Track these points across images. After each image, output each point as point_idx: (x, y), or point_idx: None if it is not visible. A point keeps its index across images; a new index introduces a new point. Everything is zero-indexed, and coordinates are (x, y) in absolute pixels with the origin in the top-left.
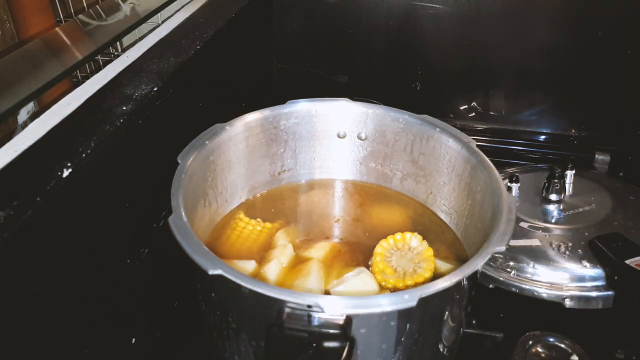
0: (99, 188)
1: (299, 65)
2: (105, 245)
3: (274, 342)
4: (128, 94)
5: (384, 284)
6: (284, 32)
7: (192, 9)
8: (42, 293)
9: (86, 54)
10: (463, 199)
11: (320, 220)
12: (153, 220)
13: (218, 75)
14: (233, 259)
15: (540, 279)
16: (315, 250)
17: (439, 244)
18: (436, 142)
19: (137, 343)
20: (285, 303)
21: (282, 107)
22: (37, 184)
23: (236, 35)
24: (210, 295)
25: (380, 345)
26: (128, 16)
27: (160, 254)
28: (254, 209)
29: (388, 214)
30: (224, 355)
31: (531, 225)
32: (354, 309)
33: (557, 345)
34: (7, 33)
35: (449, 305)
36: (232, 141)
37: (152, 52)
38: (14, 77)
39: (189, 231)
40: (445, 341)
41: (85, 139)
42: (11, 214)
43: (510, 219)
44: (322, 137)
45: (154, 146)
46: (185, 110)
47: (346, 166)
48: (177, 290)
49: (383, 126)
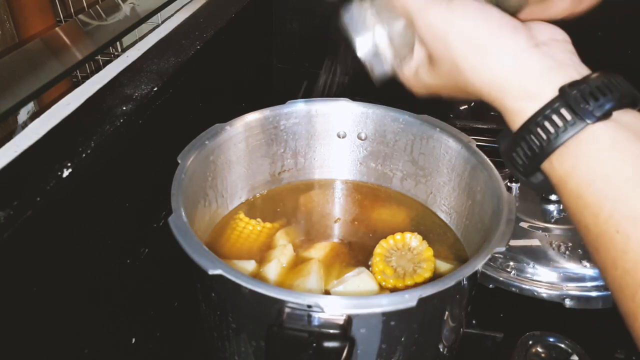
0: (99, 188)
1: (299, 65)
2: (105, 245)
3: (274, 342)
4: (128, 94)
5: (384, 284)
6: (284, 32)
7: (192, 9)
8: (42, 293)
9: (86, 54)
10: (463, 199)
11: (320, 220)
12: (153, 220)
13: (218, 75)
14: (233, 259)
15: (540, 279)
16: (315, 250)
17: (439, 244)
18: (436, 142)
19: (137, 343)
20: (285, 303)
21: (282, 107)
22: (37, 184)
23: (236, 35)
24: (210, 295)
25: (380, 345)
26: (128, 16)
27: (160, 254)
28: (254, 209)
29: (388, 214)
30: (224, 355)
31: (531, 225)
32: (354, 309)
33: (557, 345)
34: (7, 33)
35: (449, 305)
36: (232, 141)
37: (152, 52)
38: (14, 77)
39: (189, 231)
40: (445, 341)
41: (85, 139)
42: (11, 214)
43: (510, 219)
44: (322, 137)
45: (154, 146)
46: (185, 110)
47: (346, 166)
48: (177, 290)
49: (383, 126)
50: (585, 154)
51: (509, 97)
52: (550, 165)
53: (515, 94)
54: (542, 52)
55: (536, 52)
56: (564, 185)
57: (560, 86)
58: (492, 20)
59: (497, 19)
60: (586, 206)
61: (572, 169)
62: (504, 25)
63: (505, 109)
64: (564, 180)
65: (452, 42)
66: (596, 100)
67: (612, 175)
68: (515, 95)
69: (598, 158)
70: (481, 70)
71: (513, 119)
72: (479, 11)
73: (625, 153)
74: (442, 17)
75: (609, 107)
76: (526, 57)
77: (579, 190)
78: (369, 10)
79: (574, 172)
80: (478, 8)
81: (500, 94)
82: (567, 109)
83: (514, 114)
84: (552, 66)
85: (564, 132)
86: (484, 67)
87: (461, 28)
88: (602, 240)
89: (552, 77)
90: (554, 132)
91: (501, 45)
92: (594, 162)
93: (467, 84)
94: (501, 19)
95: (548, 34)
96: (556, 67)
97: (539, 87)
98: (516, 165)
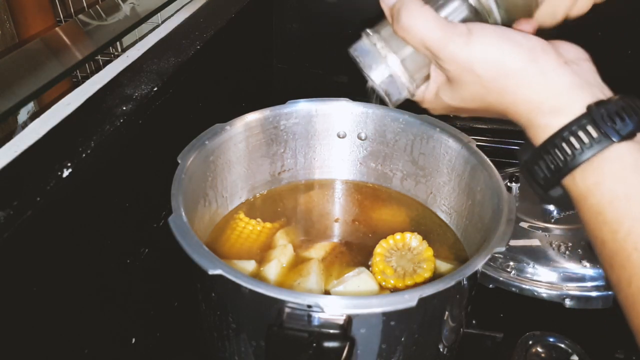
0: (99, 188)
1: (299, 65)
2: (105, 245)
3: (274, 342)
4: (128, 94)
5: (384, 284)
6: (284, 32)
7: (192, 9)
8: (42, 293)
9: (86, 54)
10: (463, 199)
11: (320, 220)
12: (153, 220)
13: (218, 75)
14: (233, 259)
15: (540, 279)
16: (315, 250)
17: (439, 244)
18: (436, 142)
19: (137, 343)
20: (285, 303)
21: (282, 107)
22: (37, 184)
23: (236, 35)
24: (210, 295)
25: (380, 345)
26: (128, 16)
27: (160, 254)
28: (254, 209)
29: (388, 214)
30: (224, 355)
31: (531, 225)
32: (354, 309)
33: (557, 345)
34: (7, 33)
35: (449, 305)
36: (232, 141)
37: (152, 52)
38: (14, 77)
39: (189, 231)
40: (445, 341)
41: (85, 139)
42: (11, 214)
43: (510, 219)
44: (322, 137)
45: (154, 146)
46: (185, 110)
47: (346, 166)
48: (177, 290)
49: (383, 126)
50: (609, 171)
51: (536, 112)
52: (572, 180)
53: (543, 110)
54: (571, 70)
55: (566, 69)
56: (585, 200)
57: (588, 104)
58: (519, 44)
59: (523, 42)
60: (605, 222)
61: (594, 186)
62: (533, 47)
63: (531, 124)
64: (585, 196)
65: (478, 71)
66: (622, 120)
67: (634, 194)
68: (544, 110)
69: (621, 177)
70: (511, 91)
71: (538, 133)
72: (501, 38)
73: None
74: (465, 51)
75: (633, 127)
76: (556, 75)
77: (600, 206)
78: (378, 43)
79: (596, 189)
80: (500, 36)
81: (528, 110)
82: (594, 126)
83: (540, 129)
84: (580, 84)
85: (589, 148)
86: (513, 88)
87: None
88: (618, 257)
89: (580, 94)
90: (579, 148)
91: (533, 66)
92: (617, 180)
93: (493, 104)
94: (527, 41)
95: (574, 53)
96: (583, 85)
97: (567, 103)
98: (537, 178)
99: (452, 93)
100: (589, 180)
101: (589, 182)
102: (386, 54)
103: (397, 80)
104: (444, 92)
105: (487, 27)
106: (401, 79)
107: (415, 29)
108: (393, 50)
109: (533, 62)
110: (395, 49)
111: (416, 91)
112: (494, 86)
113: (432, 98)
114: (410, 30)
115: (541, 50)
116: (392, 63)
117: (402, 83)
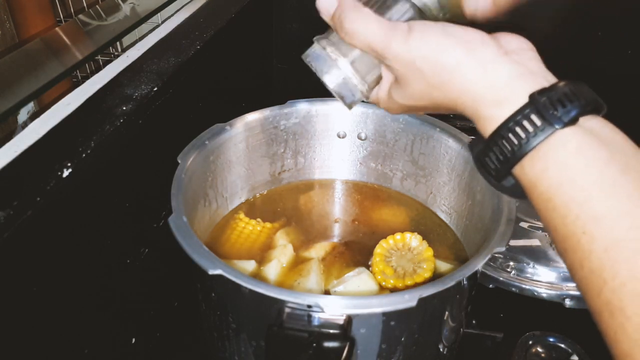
0: (99, 188)
1: (299, 65)
2: (105, 245)
3: (274, 342)
4: (128, 94)
5: (384, 284)
6: (284, 32)
7: (192, 9)
8: (42, 293)
9: (86, 54)
10: (463, 199)
11: (320, 220)
12: (153, 220)
13: (218, 75)
14: (233, 259)
15: (540, 279)
16: (315, 250)
17: (439, 244)
18: (436, 142)
19: (137, 343)
20: (285, 303)
21: (282, 107)
22: (37, 184)
23: (236, 35)
24: (210, 295)
25: (380, 345)
26: (128, 16)
27: (160, 254)
28: (254, 209)
29: (388, 214)
30: (224, 355)
31: (531, 225)
32: (354, 309)
33: (557, 345)
34: (7, 33)
35: (449, 305)
36: (232, 141)
37: (152, 52)
38: (14, 77)
39: (189, 231)
40: (445, 341)
41: (85, 139)
42: (11, 214)
43: (510, 219)
44: (322, 137)
45: (154, 146)
46: (185, 110)
47: (346, 166)
48: (177, 290)
49: (383, 126)
50: (554, 158)
51: (481, 105)
52: (521, 169)
53: (487, 101)
54: (511, 60)
55: (506, 60)
56: (534, 188)
57: (530, 93)
58: (458, 38)
59: (462, 35)
60: (555, 208)
61: (541, 173)
62: (471, 40)
63: (477, 116)
64: (534, 183)
65: (419, 67)
66: (564, 106)
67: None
68: (487, 102)
69: (565, 162)
70: (453, 84)
71: (485, 125)
72: (440, 33)
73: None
74: (405, 48)
75: (575, 113)
76: (496, 66)
77: (548, 193)
78: (328, 47)
79: (543, 176)
80: (439, 30)
81: (472, 103)
82: (537, 114)
83: (486, 121)
84: (522, 73)
85: (534, 137)
86: (455, 81)
87: (426, 53)
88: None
89: (522, 84)
90: (525, 137)
91: (471, 58)
92: (562, 166)
93: (440, 99)
94: (466, 34)
95: (515, 43)
96: (526, 74)
97: (510, 93)
98: (488, 169)
99: (402, 92)
100: (537, 167)
101: (536, 170)
102: (337, 58)
103: (350, 83)
104: (395, 92)
105: (428, 24)
106: (353, 80)
107: (358, 32)
108: (343, 53)
109: (471, 55)
110: (344, 52)
111: (370, 93)
112: (436, 81)
113: (386, 98)
114: (354, 35)
115: (480, 43)
116: (342, 66)
117: (355, 85)
